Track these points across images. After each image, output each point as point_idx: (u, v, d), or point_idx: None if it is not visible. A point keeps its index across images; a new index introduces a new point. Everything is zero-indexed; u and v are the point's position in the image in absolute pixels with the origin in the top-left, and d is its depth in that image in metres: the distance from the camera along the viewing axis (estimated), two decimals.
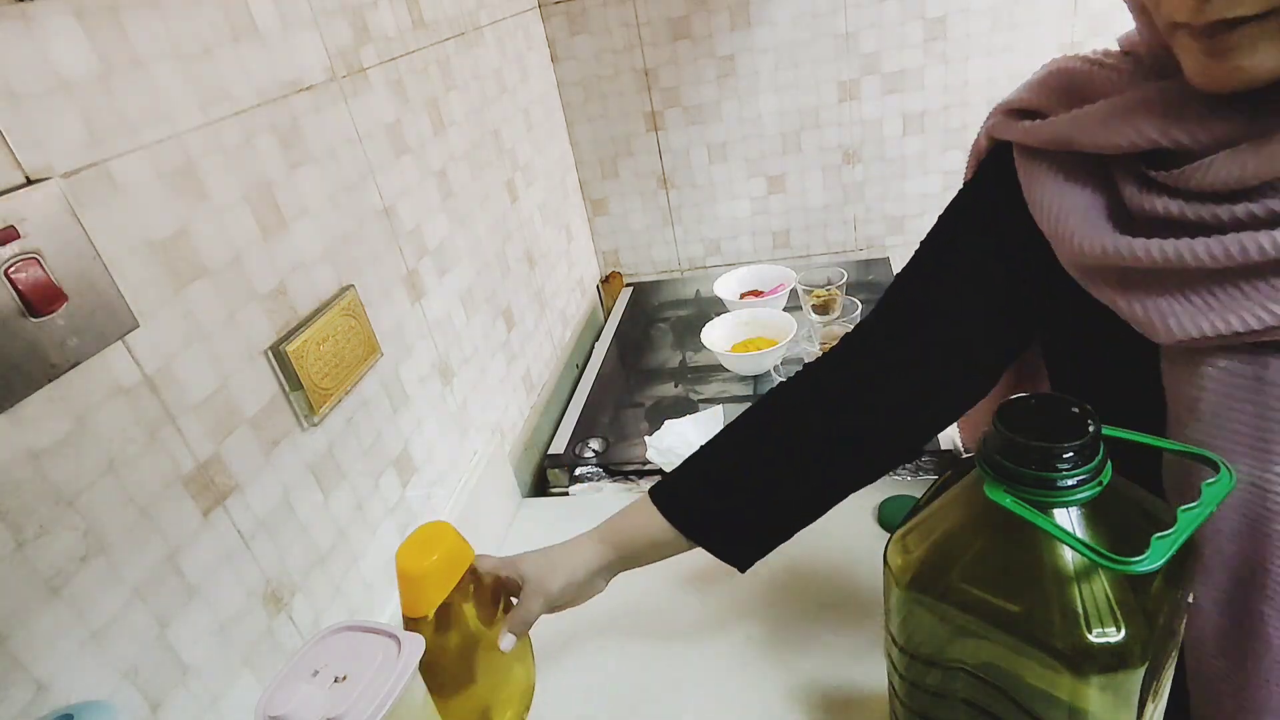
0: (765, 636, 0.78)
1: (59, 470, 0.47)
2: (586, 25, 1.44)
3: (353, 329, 0.75)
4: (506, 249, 1.18)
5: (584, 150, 1.57)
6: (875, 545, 0.86)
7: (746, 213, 1.59)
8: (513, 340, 1.18)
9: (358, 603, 0.75)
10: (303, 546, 0.68)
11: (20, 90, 0.46)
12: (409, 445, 0.85)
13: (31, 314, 0.44)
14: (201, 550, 0.57)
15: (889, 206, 1.54)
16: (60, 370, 0.46)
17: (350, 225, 0.78)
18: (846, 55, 1.40)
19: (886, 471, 0.64)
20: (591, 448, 1.14)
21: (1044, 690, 0.43)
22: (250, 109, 0.65)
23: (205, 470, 0.58)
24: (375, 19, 0.85)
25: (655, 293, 1.65)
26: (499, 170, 1.17)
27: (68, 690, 0.46)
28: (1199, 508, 0.40)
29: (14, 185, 0.45)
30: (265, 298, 0.65)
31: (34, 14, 0.47)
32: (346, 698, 0.53)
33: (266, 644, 0.63)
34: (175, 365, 0.56)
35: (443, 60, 1.01)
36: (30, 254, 0.44)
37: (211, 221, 0.60)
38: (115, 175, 0.52)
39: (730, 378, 1.26)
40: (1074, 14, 1.31)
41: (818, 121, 1.47)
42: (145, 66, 0.55)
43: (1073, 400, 0.43)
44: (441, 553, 0.64)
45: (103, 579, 0.49)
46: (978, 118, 0.61)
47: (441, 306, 0.95)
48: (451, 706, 0.67)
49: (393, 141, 0.87)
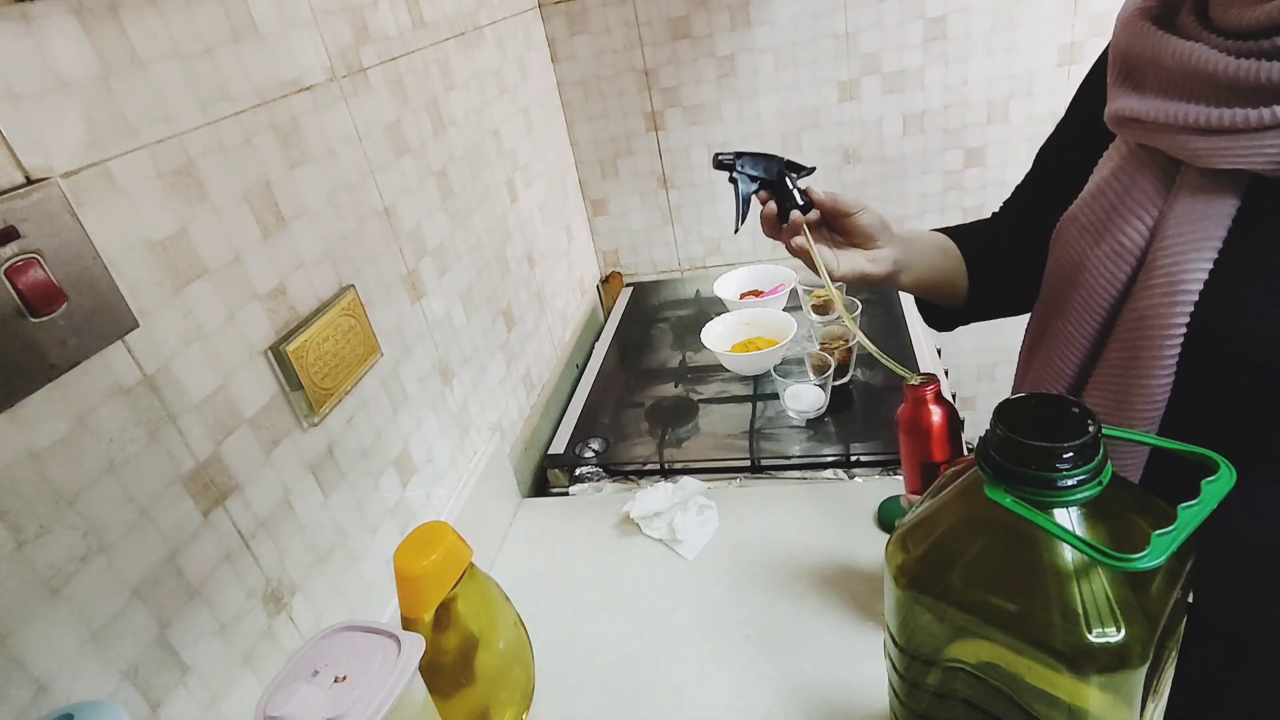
0: (765, 637, 0.78)
1: (59, 470, 0.47)
2: (586, 25, 1.44)
3: (353, 329, 0.75)
4: (506, 249, 1.18)
5: (584, 150, 1.57)
6: (875, 545, 0.86)
7: None
8: (513, 340, 1.18)
9: (358, 603, 0.75)
10: (303, 546, 0.68)
11: (20, 90, 0.46)
12: (409, 445, 0.85)
13: (31, 314, 0.44)
14: (201, 550, 0.57)
15: (889, 206, 1.54)
16: (60, 370, 0.46)
17: (350, 225, 0.78)
18: (846, 55, 1.40)
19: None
20: (591, 448, 1.14)
21: (1044, 690, 0.43)
22: (250, 109, 0.65)
23: (205, 470, 0.58)
24: (375, 19, 0.85)
25: (655, 293, 1.65)
26: (499, 170, 1.17)
27: (68, 690, 0.46)
28: (1198, 505, 0.40)
29: (14, 185, 0.45)
30: (265, 298, 0.65)
31: (34, 14, 0.47)
32: (346, 698, 0.53)
33: (266, 644, 0.63)
34: (175, 365, 0.56)
35: (443, 60, 1.01)
36: (30, 254, 0.44)
37: (211, 221, 0.60)
38: (115, 175, 0.52)
39: (730, 378, 1.26)
40: (1074, 14, 1.31)
41: (818, 121, 1.47)
42: (145, 66, 0.55)
43: (1072, 400, 0.44)
44: (441, 553, 0.64)
45: (103, 579, 0.49)
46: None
47: (441, 306, 0.95)
48: (451, 706, 0.67)
49: (393, 141, 0.87)
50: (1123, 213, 0.58)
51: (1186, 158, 0.54)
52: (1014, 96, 1.39)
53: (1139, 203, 0.57)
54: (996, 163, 1.45)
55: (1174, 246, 0.54)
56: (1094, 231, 0.60)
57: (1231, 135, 0.51)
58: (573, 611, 0.87)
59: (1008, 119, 1.41)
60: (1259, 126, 0.49)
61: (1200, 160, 0.53)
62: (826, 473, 1.01)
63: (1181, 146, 0.54)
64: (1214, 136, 0.52)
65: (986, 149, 1.44)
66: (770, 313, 1.31)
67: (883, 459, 1.02)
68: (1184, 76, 0.53)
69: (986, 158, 1.45)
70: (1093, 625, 0.40)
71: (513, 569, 0.96)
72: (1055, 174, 0.72)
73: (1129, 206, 0.58)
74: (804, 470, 1.01)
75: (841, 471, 1.01)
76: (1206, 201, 0.54)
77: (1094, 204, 0.61)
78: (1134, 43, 0.58)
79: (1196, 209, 0.54)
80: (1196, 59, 0.52)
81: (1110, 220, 0.59)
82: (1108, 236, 0.59)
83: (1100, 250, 0.59)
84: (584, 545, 0.97)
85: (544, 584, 0.92)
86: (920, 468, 0.70)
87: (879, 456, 1.02)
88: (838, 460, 1.03)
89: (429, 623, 0.64)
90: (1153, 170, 0.57)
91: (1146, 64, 0.57)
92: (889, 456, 1.02)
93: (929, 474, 0.69)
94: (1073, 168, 0.66)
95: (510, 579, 0.76)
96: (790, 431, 1.10)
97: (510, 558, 0.98)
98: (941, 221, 1.52)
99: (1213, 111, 0.51)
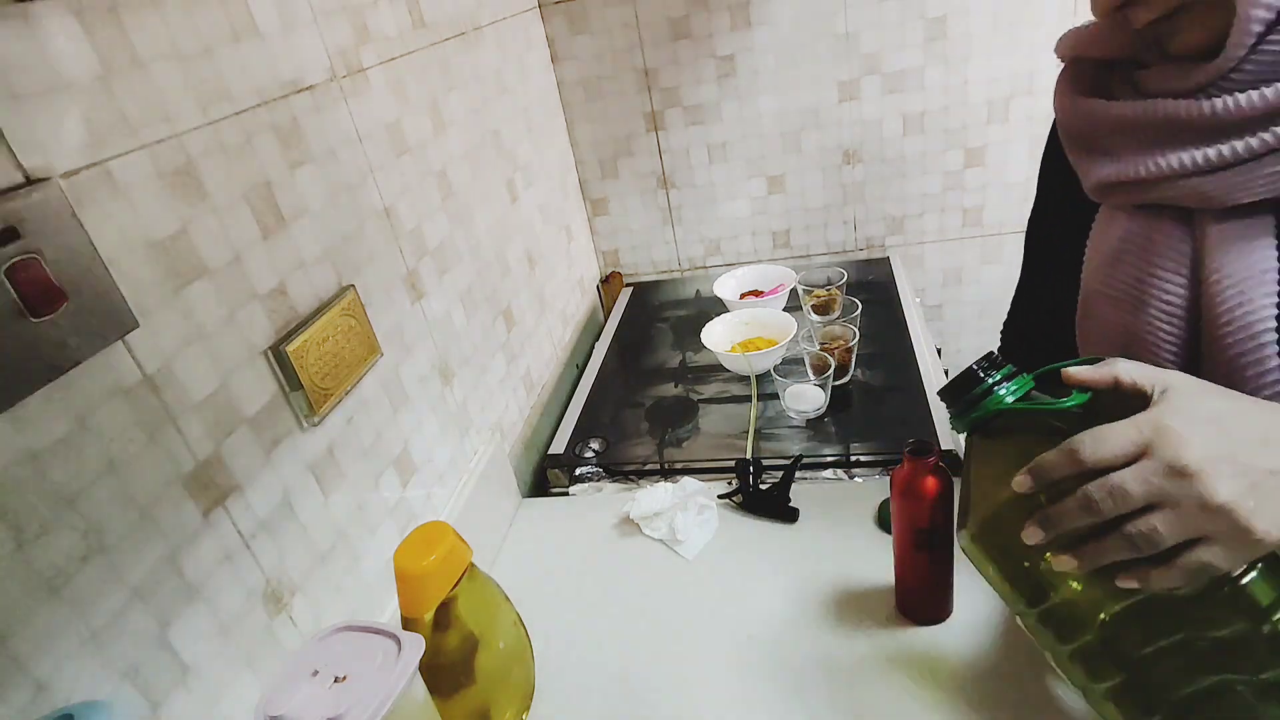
0: (765, 637, 0.78)
1: (59, 470, 0.47)
2: (586, 25, 1.44)
3: (353, 329, 0.75)
4: (506, 249, 1.18)
5: (584, 150, 1.57)
6: (875, 545, 0.86)
7: (746, 213, 1.59)
8: (513, 340, 1.18)
9: (358, 603, 0.75)
10: (303, 546, 0.68)
11: (20, 90, 0.46)
12: (409, 445, 0.85)
13: (31, 314, 0.44)
14: (201, 550, 0.57)
15: (889, 206, 1.54)
16: (60, 370, 0.46)
17: (350, 225, 0.78)
18: (846, 55, 1.40)
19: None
20: (591, 448, 1.14)
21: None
22: (250, 109, 0.65)
23: (205, 470, 0.58)
24: (375, 19, 0.85)
25: (655, 293, 1.65)
26: (499, 170, 1.17)
27: (68, 690, 0.46)
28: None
29: (14, 185, 0.45)
30: (265, 298, 0.65)
31: (34, 14, 0.47)
32: (346, 698, 0.53)
33: (266, 644, 0.63)
34: (175, 365, 0.56)
35: (443, 60, 1.01)
36: (30, 254, 0.44)
37: (211, 221, 0.60)
38: (115, 175, 0.52)
39: (730, 378, 1.26)
40: (1074, 14, 1.31)
41: (818, 121, 1.47)
42: (145, 66, 0.55)
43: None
44: (441, 553, 0.64)
45: (103, 579, 0.49)
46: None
47: (441, 306, 0.95)
48: (451, 706, 0.67)
49: (393, 141, 0.87)
50: (1155, 273, 0.56)
51: (1199, 202, 0.53)
52: (1014, 96, 1.39)
53: (1169, 258, 0.56)
54: (996, 163, 1.45)
55: (1231, 289, 0.52)
56: (1131, 300, 0.58)
57: (1238, 168, 0.50)
58: (573, 611, 0.87)
59: (1008, 119, 1.41)
60: (1264, 151, 0.49)
61: (1218, 200, 0.52)
62: (826, 473, 1.01)
63: (1191, 191, 0.53)
64: (1222, 173, 0.51)
65: (986, 149, 1.44)
66: (770, 313, 1.31)
67: (883, 459, 1.02)
68: (1158, 130, 0.53)
69: (986, 158, 1.45)
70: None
71: (513, 569, 0.96)
72: (1051, 255, 0.71)
73: (1159, 264, 0.56)
74: (804, 470, 1.01)
75: (841, 471, 1.01)
76: (1242, 237, 0.52)
77: (1116, 272, 0.59)
78: (1086, 117, 0.59)
79: (1235, 248, 0.52)
80: (1166, 109, 0.52)
81: (1143, 284, 0.57)
82: (1150, 300, 0.57)
83: (1146, 315, 0.57)
84: (584, 545, 0.97)
85: (544, 584, 0.92)
86: (914, 533, 0.70)
87: (879, 456, 1.02)
88: (838, 460, 1.03)
89: (429, 623, 0.64)
90: (1167, 224, 0.56)
91: (1110, 131, 0.57)
92: (889, 456, 1.02)
93: (920, 539, 0.70)
94: (1069, 242, 0.66)
95: (510, 579, 0.76)
96: (790, 431, 1.10)
97: (510, 558, 0.98)
98: (941, 221, 1.53)
99: (1209, 150, 0.51)
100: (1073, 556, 0.45)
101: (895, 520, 0.71)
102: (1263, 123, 0.49)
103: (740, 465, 0.98)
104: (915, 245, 1.57)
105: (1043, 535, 0.46)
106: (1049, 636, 0.51)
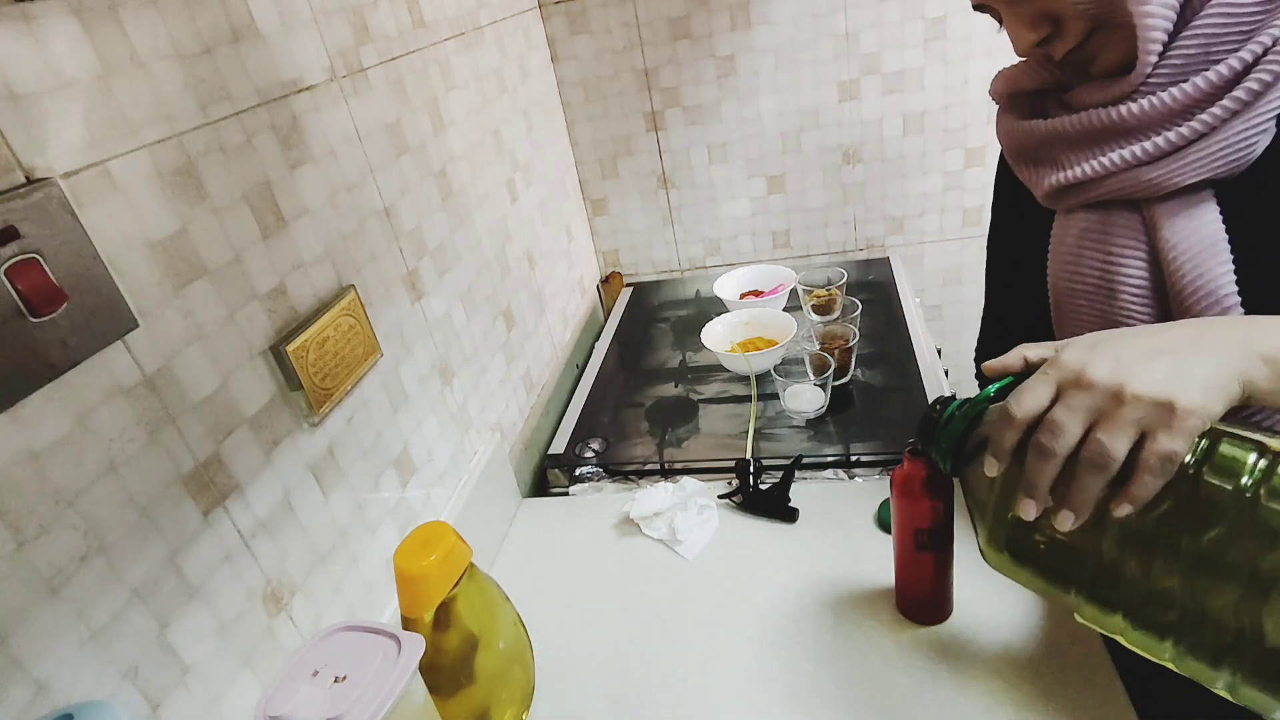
0: (765, 637, 0.78)
1: (59, 470, 0.47)
2: (586, 25, 1.44)
3: (353, 329, 0.75)
4: (506, 249, 1.18)
5: (584, 150, 1.57)
6: (875, 546, 0.86)
7: (746, 213, 1.59)
8: (513, 340, 1.18)
9: (358, 603, 0.75)
10: (303, 546, 0.68)
11: (20, 90, 0.46)
12: (409, 445, 0.85)
13: (31, 314, 0.44)
14: (201, 550, 0.57)
15: (889, 206, 1.54)
16: (60, 370, 0.46)
17: (350, 225, 0.78)
18: (846, 55, 1.40)
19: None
20: (591, 448, 1.14)
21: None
22: (250, 109, 0.65)
23: (205, 470, 0.58)
24: (375, 19, 0.85)
25: (655, 293, 1.65)
26: (499, 170, 1.17)
27: (68, 690, 0.46)
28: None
29: (14, 185, 0.45)
30: (265, 297, 0.65)
31: (34, 14, 0.47)
32: (346, 698, 0.53)
33: (266, 644, 0.63)
34: (175, 365, 0.56)
35: (443, 60, 1.01)
36: (30, 254, 0.44)
37: (211, 221, 0.60)
38: (115, 175, 0.52)
39: (730, 378, 1.26)
40: None
41: (818, 121, 1.47)
42: (145, 66, 0.55)
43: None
44: (441, 553, 0.64)
45: (103, 579, 0.49)
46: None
47: (441, 306, 0.95)
48: (451, 706, 0.67)
49: (393, 141, 0.87)
50: (1117, 259, 0.61)
51: (1144, 191, 0.58)
52: None
53: (1127, 244, 0.60)
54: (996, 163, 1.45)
55: (1188, 263, 0.56)
56: (1102, 289, 0.62)
57: (1171, 156, 0.55)
58: (573, 612, 0.87)
59: None
60: (1193, 138, 0.55)
61: (1160, 186, 0.57)
62: (826, 473, 1.01)
63: (1134, 182, 0.58)
64: (1158, 162, 0.56)
65: (987, 149, 1.44)
66: (770, 313, 1.31)
67: (883, 459, 1.02)
68: (1095, 136, 0.60)
69: (987, 158, 1.45)
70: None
71: (513, 569, 0.96)
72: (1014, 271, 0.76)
73: (1119, 251, 0.61)
74: (804, 470, 1.01)
75: (841, 471, 1.01)
76: (1188, 216, 0.56)
77: (1081, 265, 0.63)
78: (1028, 135, 0.65)
79: (1183, 226, 0.57)
80: (1099, 116, 0.59)
81: (1109, 270, 0.61)
82: (1118, 285, 0.61)
83: (1120, 301, 0.61)
84: (584, 545, 0.97)
85: (544, 584, 0.92)
86: (914, 533, 0.70)
87: (879, 456, 1.02)
88: (838, 460, 1.03)
89: (429, 623, 0.64)
90: (1120, 214, 0.61)
91: (1052, 143, 0.63)
92: (889, 456, 1.02)
93: (920, 539, 0.70)
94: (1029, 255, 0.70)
95: (510, 579, 0.76)
96: (790, 431, 1.10)
97: (510, 558, 0.98)
98: (941, 221, 1.53)
99: (1146, 143, 0.57)
100: (1066, 509, 0.47)
101: (895, 520, 0.71)
102: (1182, 115, 0.55)
103: (740, 465, 0.98)
104: (915, 245, 1.57)
105: (1034, 503, 0.48)
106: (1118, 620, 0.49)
